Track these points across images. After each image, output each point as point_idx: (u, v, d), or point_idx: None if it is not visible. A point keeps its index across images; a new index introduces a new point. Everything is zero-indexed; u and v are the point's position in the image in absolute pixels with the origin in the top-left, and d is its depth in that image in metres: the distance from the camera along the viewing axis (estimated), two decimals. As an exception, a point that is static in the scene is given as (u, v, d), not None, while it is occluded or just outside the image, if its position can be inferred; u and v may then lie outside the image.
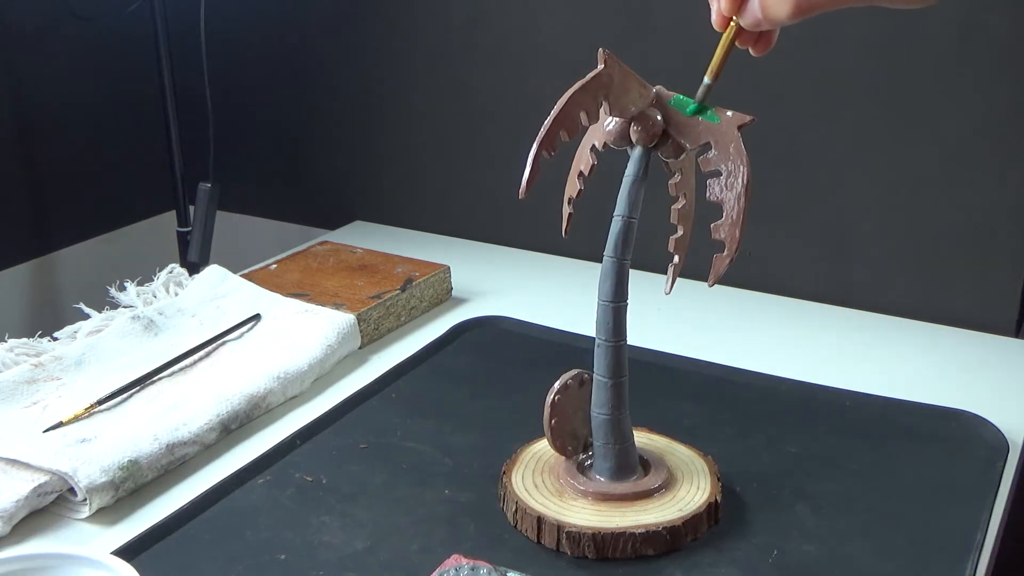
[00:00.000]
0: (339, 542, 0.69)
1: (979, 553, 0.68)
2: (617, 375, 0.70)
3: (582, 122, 0.64)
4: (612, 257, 0.68)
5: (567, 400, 0.71)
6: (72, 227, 1.41)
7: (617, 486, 0.71)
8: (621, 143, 0.68)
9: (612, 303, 0.68)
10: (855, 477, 0.78)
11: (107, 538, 0.70)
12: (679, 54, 1.13)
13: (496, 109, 1.27)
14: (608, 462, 0.72)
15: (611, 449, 0.71)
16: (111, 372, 0.88)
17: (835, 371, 0.94)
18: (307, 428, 0.83)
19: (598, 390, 0.70)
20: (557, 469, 0.74)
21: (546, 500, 0.71)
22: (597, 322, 0.69)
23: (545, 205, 0.70)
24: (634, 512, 0.69)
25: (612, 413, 0.70)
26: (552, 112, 0.63)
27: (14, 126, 1.32)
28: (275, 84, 1.44)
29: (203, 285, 1.03)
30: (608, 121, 0.67)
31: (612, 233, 0.68)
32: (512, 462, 0.75)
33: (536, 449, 0.77)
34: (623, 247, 0.67)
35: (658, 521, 0.68)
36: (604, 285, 0.68)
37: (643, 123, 0.66)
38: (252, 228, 1.51)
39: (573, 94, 0.63)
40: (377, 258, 1.13)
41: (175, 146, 1.31)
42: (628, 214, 0.67)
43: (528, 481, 0.73)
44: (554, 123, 0.63)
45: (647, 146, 0.67)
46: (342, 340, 0.95)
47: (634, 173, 0.67)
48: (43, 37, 1.33)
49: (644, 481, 0.72)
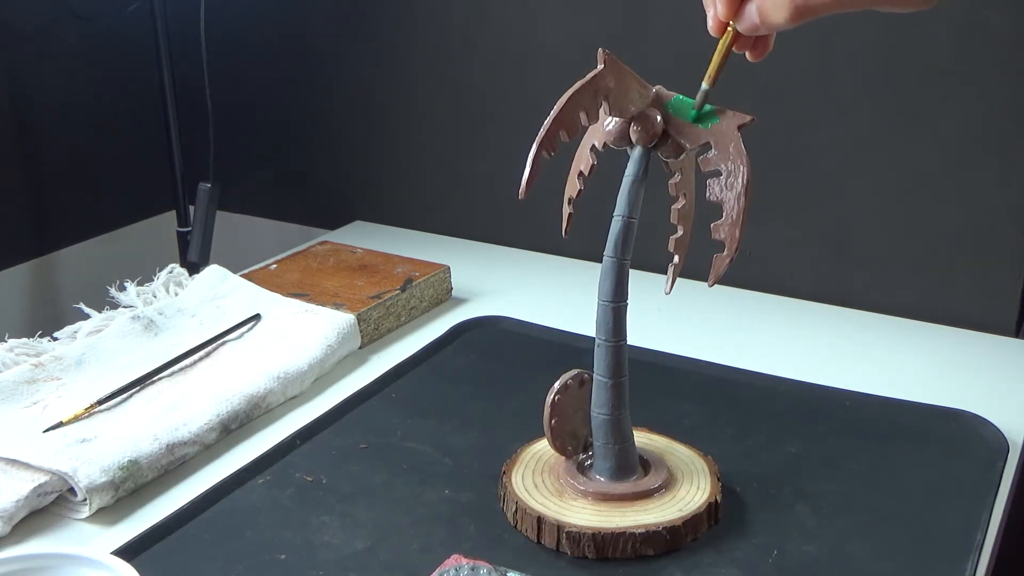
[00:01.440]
0: (339, 542, 0.69)
1: (979, 553, 0.68)
2: (617, 375, 0.70)
3: (581, 122, 0.64)
4: (612, 257, 0.68)
5: (567, 400, 0.71)
6: (72, 227, 1.41)
7: (617, 486, 0.71)
8: (621, 143, 0.68)
9: (612, 303, 0.68)
10: (855, 477, 0.78)
11: (107, 538, 0.70)
12: (679, 54, 1.13)
13: (496, 109, 1.27)
14: (608, 462, 0.72)
15: (611, 449, 0.71)
16: (111, 372, 0.88)
17: (835, 371, 0.94)
18: (307, 428, 0.83)
19: (598, 390, 0.70)
20: (557, 469, 0.74)
21: (546, 500, 0.71)
22: (597, 322, 0.69)
23: (545, 205, 0.70)
24: (634, 512, 0.69)
25: (612, 413, 0.70)
26: (552, 112, 0.63)
27: (14, 126, 1.32)
28: (275, 84, 1.44)
29: (203, 285, 1.03)
30: (608, 121, 0.67)
31: (612, 233, 0.68)
32: (512, 462, 0.75)
33: (536, 449, 0.77)
34: (623, 247, 0.67)
35: (658, 521, 0.68)
36: (604, 285, 0.68)
37: (643, 123, 0.66)
38: (252, 228, 1.51)
39: (573, 94, 0.63)
40: (377, 258, 1.13)
41: (175, 146, 1.31)
42: (628, 214, 0.67)
43: (528, 481, 0.73)
44: (554, 123, 0.63)
45: (647, 146, 0.67)
46: (342, 340, 0.95)
47: (634, 173, 0.67)
48: (43, 37, 1.33)
49: (644, 481, 0.72)
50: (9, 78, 1.30)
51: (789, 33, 0.63)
